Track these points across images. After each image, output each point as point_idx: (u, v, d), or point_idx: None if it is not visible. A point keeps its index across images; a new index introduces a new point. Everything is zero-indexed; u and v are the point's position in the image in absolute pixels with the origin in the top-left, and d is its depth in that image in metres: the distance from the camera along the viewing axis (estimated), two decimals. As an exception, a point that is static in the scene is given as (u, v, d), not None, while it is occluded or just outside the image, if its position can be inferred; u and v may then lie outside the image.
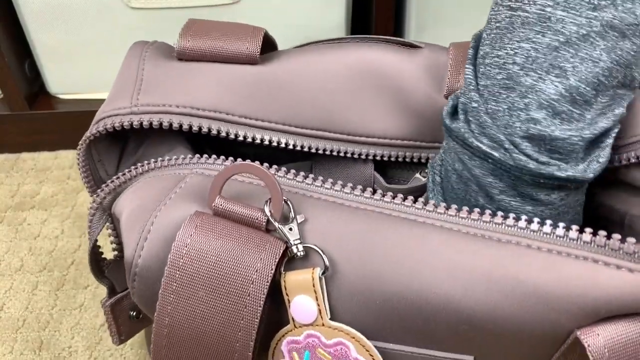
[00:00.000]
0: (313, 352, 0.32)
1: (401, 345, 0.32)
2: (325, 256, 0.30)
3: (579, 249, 0.29)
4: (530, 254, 0.29)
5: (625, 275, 0.28)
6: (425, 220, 0.31)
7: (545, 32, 0.31)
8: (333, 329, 0.31)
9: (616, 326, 0.28)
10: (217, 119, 0.37)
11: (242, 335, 0.30)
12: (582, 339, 0.28)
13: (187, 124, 0.37)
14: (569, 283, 0.28)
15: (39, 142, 0.78)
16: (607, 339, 0.28)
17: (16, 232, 0.66)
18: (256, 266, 0.30)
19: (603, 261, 0.29)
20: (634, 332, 0.28)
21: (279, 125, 0.39)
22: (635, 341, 0.28)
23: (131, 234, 0.33)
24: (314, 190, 0.33)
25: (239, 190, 0.33)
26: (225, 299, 0.30)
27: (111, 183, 0.36)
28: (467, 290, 0.29)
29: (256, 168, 0.31)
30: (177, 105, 0.37)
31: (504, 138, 0.32)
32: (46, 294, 0.60)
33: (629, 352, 0.28)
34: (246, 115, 0.38)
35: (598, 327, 0.28)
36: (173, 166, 0.35)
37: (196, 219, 0.31)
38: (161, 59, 0.40)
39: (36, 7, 0.72)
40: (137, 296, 0.34)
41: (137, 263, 0.32)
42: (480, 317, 0.29)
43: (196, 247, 0.30)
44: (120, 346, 0.54)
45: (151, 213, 0.33)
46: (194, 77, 0.38)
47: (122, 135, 0.40)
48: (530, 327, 0.29)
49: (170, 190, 0.34)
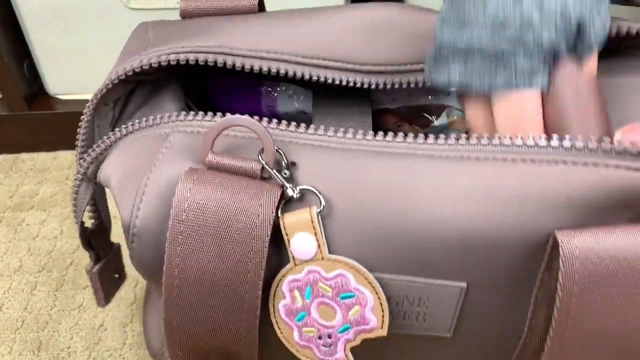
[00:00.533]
0: (314, 287, 0.33)
1: (398, 275, 0.33)
2: (321, 195, 0.32)
3: (550, 155, 0.32)
4: (506, 166, 0.32)
5: (592, 170, 0.31)
6: (407, 151, 0.33)
7: None
8: (332, 261, 0.33)
9: (596, 235, 0.30)
10: (222, 53, 0.38)
11: (252, 276, 0.32)
12: (558, 236, 0.30)
13: (192, 58, 0.37)
14: (543, 185, 0.31)
15: (38, 142, 0.78)
16: (583, 242, 0.30)
17: (15, 233, 0.66)
18: (257, 211, 0.32)
19: (571, 161, 0.31)
20: (612, 245, 0.30)
21: (282, 55, 0.38)
22: (613, 255, 0.30)
23: (125, 197, 0.34)
24: (301, 138, 0.35)
25: (227, 145, 0.35)
26: (231, 245, 0.32)
27: (92, 152, 0.37)
28: (451, 207, 0.31)
29: (247, 120, 0.33)
30: (183, 46, 0.38)
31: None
32: (45, 294, 0.60)
33: (606, 264, 0.30)
34: (249, 48, 0.38)
35: (577, 231, 0.30)
36: (152, 127, 0.36)
37: (192, 174, 0.32)
38: (166, 24, 0.42)
39: (35, 7, 0.72)
40: (135, 257, 0.35)
41: (134, 224, 0.34)
42: (467, 232, 0.32)
43: (197, 200, 0.32)
44: (119, 346, 0.54)
45: (142, 174, 0.34)
46: (197, 26, 0.40)
47: (123, 105, 0.41)
48: (514, 233, 0.31)
49: (157, 151, 0.35)
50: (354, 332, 0.34)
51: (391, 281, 0.33)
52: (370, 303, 0.33)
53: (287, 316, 0.34)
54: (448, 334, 0.36)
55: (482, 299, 0.34)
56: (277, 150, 0.33)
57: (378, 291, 0.33)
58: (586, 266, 0.30)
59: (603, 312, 0.30)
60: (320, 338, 0.34)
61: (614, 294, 0.30)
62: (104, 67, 0.74)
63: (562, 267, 0.30)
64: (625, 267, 0.30)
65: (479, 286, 0.34)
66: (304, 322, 0.34)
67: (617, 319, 0.31)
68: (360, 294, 0.33)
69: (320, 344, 0.34)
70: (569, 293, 0.30)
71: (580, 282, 0.30)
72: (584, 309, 0.31)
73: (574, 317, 0.31)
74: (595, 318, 0.31)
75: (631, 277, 0.30)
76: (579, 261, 0.30)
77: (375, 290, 0.33)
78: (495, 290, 0.34)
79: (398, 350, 0.38)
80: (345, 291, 0.33)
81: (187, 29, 0.39)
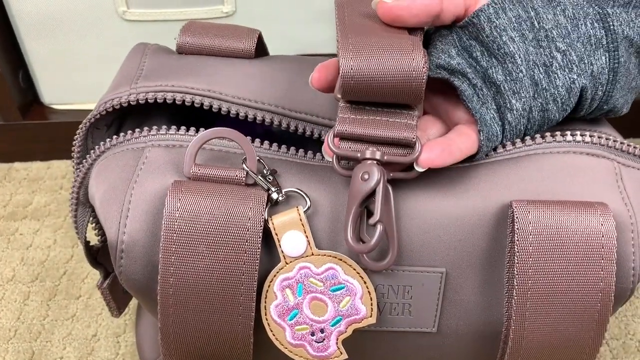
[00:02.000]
0: (305, 283, 0.35)
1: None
2: (307, 196, 0.35)
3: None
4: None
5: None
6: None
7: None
8: (322, 255, 0.35)
9: (552, 208, 0.33)
10: (209, 97, 0.39)
11: (246, 277, 0.34)
12: (514, 206, 0.34)
13: (179, 98, 0.38)
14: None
15: (32, 151, 0.78)
16: (537, 213, 0.33)
17: (8, 242, 0.67)
18: (248, 214, 0.33)
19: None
20: (561, 218, 0.33)
21: (270, 106, 0.39)
22: (565, 227, 0.33)
23: (109, 215, 0.35)
24: (278, 155, 0.37)
25: (205, 158, 0.36)
26: (225, 249, 0.33)
27: (77, 177, 0.38)
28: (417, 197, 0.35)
29: (230, 132, 0.35)
30: (172, 85, 0.39)
31: None
32: (38, 304, 0.60)
33: (560, 235, 0.33)
34: (237, 95, 0.39)
35: (532, 201, 0.34)
36: (122, 143, 0.37)
37: (180, 185, 0.34)
38: (162, 55, 0.42)
39: (30, 18, 0.72)
40: (124, 273, 0.36)
41: (122, 240, 0.35)
42: (434, 218, 0.35)
43: (188, 209, 0.33)
44: (112, 357, 0.55)
45: (124, 191, 0.35)
46: (191, 65, 0.41)
47: (118, 129, 0.42)
48: (476, 209, 0.35)
49: (134, 166, 0.36)
50: (346, 323, 0.35)
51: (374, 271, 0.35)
52: (359, 293, 0.35)
53: (279, 317, 0.35)
54: (433, 328, 0.37)
55: (460, 283, 0.36)
56: (259, 160, 0.35)
57: (366, 280, 0.35)
58: (539, 240, 0.33)
59: (554, 275, 0.34)
60: (313, 334, 0.35)
61: (562, 259, 0.33)
62: (98, 77, 0.75)
63: (517, 240, 0.33)
64: (570, 239, 0.33)
65: (457, 269, 0.36)
66: (296, 320, 0.35)
67: (567, 282, 0.34)
68: (349, 285, 0.35)
69: (312, 340, 0.36)
70: (525, 261, 0.33)
71: (533, 252, 0.33)
72: (540, 272, 0.33)
73: (532, 277, 0.33)
74: (549, 280, 0.34)
75: (574, 249, 0.33)
76: (532, 235, 0.33)
77: (363, 279, 0.35)
78: (471, 273, 0.36)
79: (387, 351, 0.39)
80: (335, 284, 0.35)
81: (180, 67, 0.40)
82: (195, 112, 0.42)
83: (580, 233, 0.33)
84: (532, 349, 0.34)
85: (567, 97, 0.35)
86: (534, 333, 0.34)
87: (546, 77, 0.34)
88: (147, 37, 0.74)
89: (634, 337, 0.56)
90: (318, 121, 0.38)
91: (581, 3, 0.35)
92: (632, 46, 0.35)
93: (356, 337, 0.36)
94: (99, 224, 0.41)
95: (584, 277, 0.33)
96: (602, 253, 0.33)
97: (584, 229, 0.33)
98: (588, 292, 0.33)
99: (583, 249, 0.33)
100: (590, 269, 0.33)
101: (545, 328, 0.34)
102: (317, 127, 0.39)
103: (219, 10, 0.72)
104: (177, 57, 0.42)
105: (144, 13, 0.72)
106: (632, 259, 0.34)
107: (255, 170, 0.35)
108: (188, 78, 0.39)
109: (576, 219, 0.33)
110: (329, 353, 0.36)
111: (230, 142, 0.37)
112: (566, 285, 0.33)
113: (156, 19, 0.72)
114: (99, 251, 0.42)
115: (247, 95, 0.39)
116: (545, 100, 0.35)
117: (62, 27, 0.73)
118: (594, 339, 0.34)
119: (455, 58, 0.34)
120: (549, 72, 0.34)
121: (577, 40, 0.34)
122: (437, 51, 0.35)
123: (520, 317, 0.34)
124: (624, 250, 0.34)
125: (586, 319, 0.34)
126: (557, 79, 0.34)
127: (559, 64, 0.34)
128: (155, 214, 0.34)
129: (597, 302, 0.33)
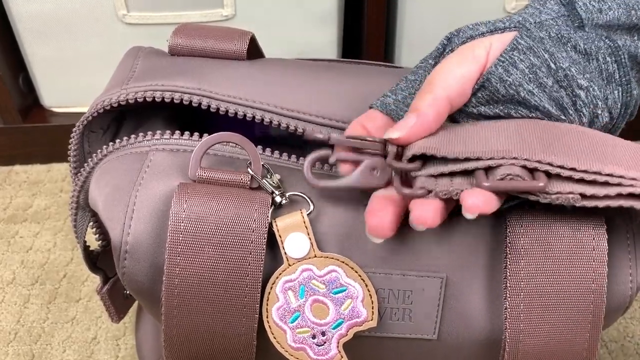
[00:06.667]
0: (308, 285, 0.35)
1: (382, 269, 0.36)
2: (311, 200, 0.35)
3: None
4: None
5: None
6: None
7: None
8: (324, 257, 0.35)
9: (545, 219, 0.34)
10: (199, 95, 0.38)
11: (250, 279, 0.34)
12: (507, 219, 0.34)
13: (168, 96, 0.38)
14: None
15: (32, 154, 0.78)
16: (529, 226, 0.34)
17: (8, 245, 0.67)
18: (253, 216, 0.34)
19: None
20: (553, 229, 0.34)
21: (261, 104, 0.39)
22: (555, 238, 0.33)
23: (114, 217, 0.35)
24: (280, 161, 0.37)
25: (210, 163, 0.37)
26: (230, 250, 0.34)
27: (78, 180, 0.38)
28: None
29: (235, 136, 0.35)
30: (163, 84, 0.39)
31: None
32: (38, 307, 0.60)
33: (552, 248, 0.34)
34: (228, 93, 0.39)
35: (526, 211, 0.34)
36: (124, 147, 0.38)
37: (186, 187, 0.34)
38: (154, 57, 0.43)
39: (31, 21, 0.72)
40: (127, 275, 0.36)
41: (126, 241, 0.35)
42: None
43: (194, 210, 0.34)
44: (112, 359, 0.55)
45: (129, 193, 0.35)
46: (182, 65, 0.41)
47: (115, 132, 0.42)
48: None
49: (139, 169, 0.36)
50: (347, 326, 0.35)
51: (375, 274, 0.36)
52: (361, 295, 0.35)
53: (280, 319, 0.35)
54: (434, 335, 0.37)
55: (461, 289, 0.36)
56: (262, 165, 0.36)
57: (367, 283, 0.35)
58: (531, 252, 0.34)
59: (546, 285, 0.34)
60: (314, 337, 0.36)
61: (552, 262, 0.34)
62: (98, 80, 0.75)
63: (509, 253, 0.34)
64: (562, 251, 0.34)
65: (458, 275, 0.36)
66: (297, 323, 0.35)
67: (559, 281, 0.34)
68: (351, 288, 0.35)
69: (313, 343, 0.36)
70: (516, 259, 0.34)
71: (525, 266, 0.34)
72: (531, 269, 0.34)
73: (524, 289, 0.34)
74: (540, 274, 0.34)
75: (566, 260, 0.34)
76: (523, 249, 0.34)
77: (365, 282, 0.35)
78: (472, 279, 0.36)
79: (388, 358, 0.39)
80: (337, 286, 0.35)
81: (171, 67, 0.40)
82: (190, 116, 0.42)
83: (572, 244, 0.33)
84: (529, 354, 0.35)
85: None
86: (530, 338, 0.34)
87: (576, 118, 0.34)
88: (147, 40, 0.74)
89: (632, 340, 0.56)
90: (312, 119, 0.38)
91: (592, 37, 0.34)
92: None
93: (356, 343, 0.36)
94: (100, 229, 0.41)
95: (575, 287, 0.33)
96: (594, 266, 0.33)
97: (576, 240, 0.33)
98: (580, 299, 0.34)
99: (574, 260, 0.33)
100: (581, 279, 0.33)
101: (540, 334, 0.34)
102: (309, 125, 0.38)
103: (219, 13, 0.72)
104: (169, 58, 0.42)
105: (143, 16, 0.72)
106: (629, 264, 0.35)
107: (261, 173, 0.35)
108: (178, 77, 0.39)
109: (568, 229, 0.33)
110: (329, 357, 0.36)
111: (234, 148, 0.37)
112: (559, 293, 0.34)
113: (156, 22, 0.72)
114: (98, 256, 0.42)
115: (238, 93, 0.39)
116: None
117: (63, 30, 0.73)
118: (590, 341, 0.34)
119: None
120: (574, 113, 0.34)
121: (596, 75, 0.33)
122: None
123: (515, 325, 0.34)
124: (620, 259, 0.34)
125: (580, 324, 0.34)
126: (582, 116, 0.34)
127: (582, 102, 0.33)
128: (160, 216, 0.35)
129: (589, 306, 0.34)
